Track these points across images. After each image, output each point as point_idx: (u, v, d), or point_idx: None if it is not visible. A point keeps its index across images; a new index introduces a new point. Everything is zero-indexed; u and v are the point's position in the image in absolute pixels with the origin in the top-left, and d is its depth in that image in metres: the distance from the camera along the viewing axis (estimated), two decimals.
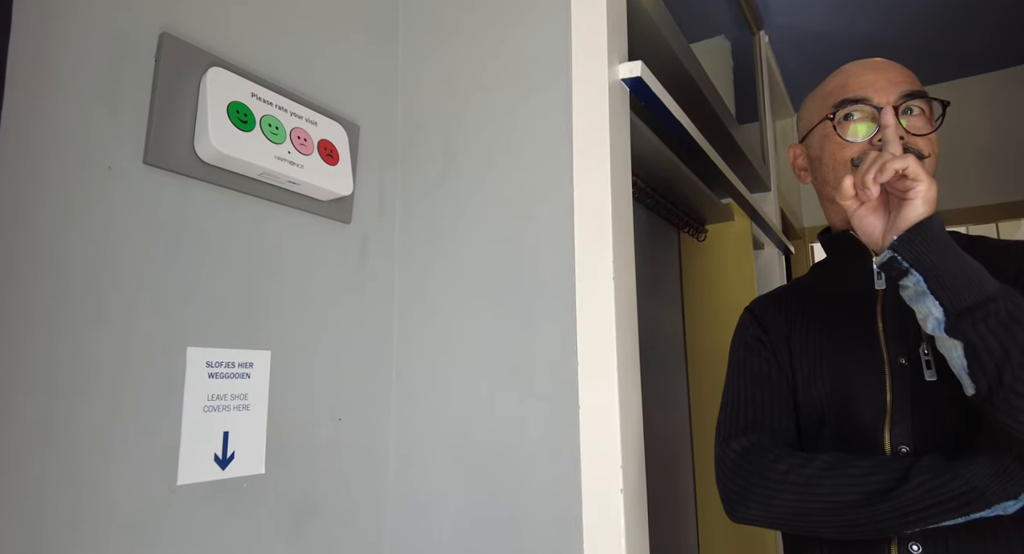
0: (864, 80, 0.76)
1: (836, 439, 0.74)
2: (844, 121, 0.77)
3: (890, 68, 0.77)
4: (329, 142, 0.81)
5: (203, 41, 0.70)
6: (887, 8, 2.41)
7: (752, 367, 0.81)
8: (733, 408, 0.79)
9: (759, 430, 0.75)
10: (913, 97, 0.74)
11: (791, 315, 0.83)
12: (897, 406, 0.70)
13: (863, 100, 0.75)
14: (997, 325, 0.55)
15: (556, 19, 0.87)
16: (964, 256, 0.60)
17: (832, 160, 0.78)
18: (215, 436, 0.68)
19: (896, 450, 0.69)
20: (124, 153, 0.62)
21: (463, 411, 0.86)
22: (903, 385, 0.71)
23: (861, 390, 0.73)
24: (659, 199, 1.49)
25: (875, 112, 0.74)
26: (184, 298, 0.66)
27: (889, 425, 0.70)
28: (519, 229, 0.86)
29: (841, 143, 0.77)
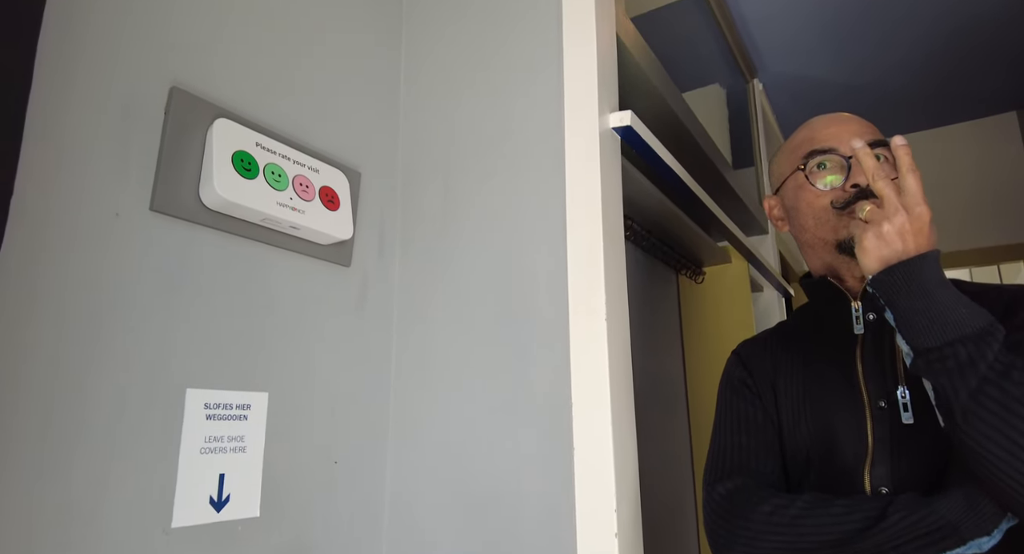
0: (829, 132, 0.81)
1: (820, 481, 0.75)
2: (816, 170, 0.80)
3: (853, 121, 0.81)
4: (330, 188, 0.84)
5: (211, 94, 0.73)
6: (877, 57, 2.49)
7: (738, 410, 0.83)
8: (720, 452, 0.81)
9: (744, 473, 0.77)
10: (877, 145, 0.78)
11: (776, 358, 0.85)
12: (877, 448, 0.72)
13: (831, 150, 0.79)
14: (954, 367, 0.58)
15: (549, 70, 0.91)
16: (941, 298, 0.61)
17: (810, 208, 0.81)
18: (211, 478, 0.68)
19: (876, 491, 0.70)
20: (131, 200, 0.64)
21: (459, 453, 0.86)
22: (883, 428, 0.72)
23: (843, 433, 0.74)
24: (655, 241, 1.51)
25: (843, 161, 0.79)
26: (185, 339, 0.68)
27: (870, 467, 0.71)
28: (515, 271, 0.88)
29: (815, 192, 0.80)
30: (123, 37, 0.65)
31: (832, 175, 0.79)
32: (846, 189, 0.78)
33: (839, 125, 0.81)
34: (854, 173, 0.77)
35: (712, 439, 0.84)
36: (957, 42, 2.38)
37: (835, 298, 0.81)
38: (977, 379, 0.57)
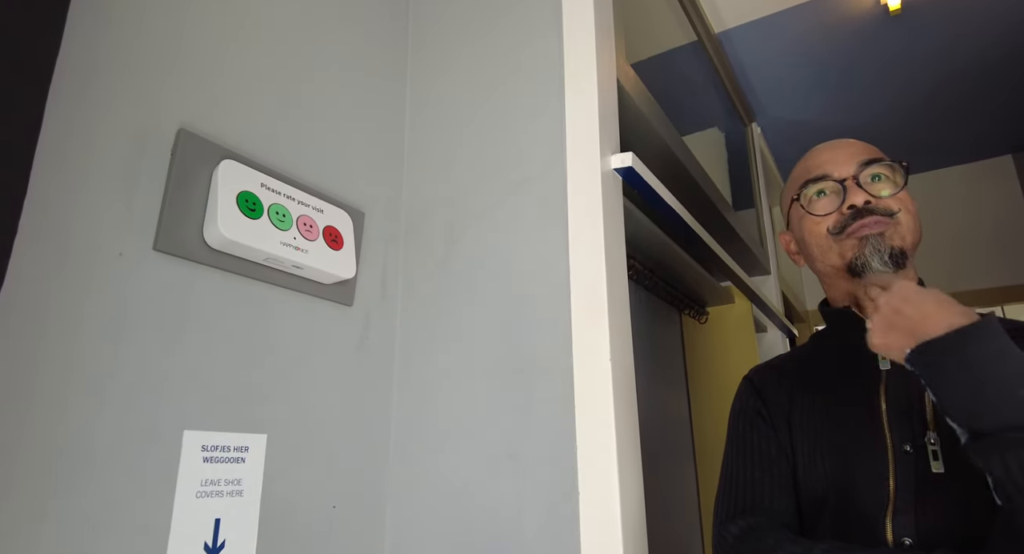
0: (822, 158, 0.80)
1: (836, 525, 0.70)
2: (814, 198, 0.80)
3: (846, 144, 0.81)
4: (334, 228, 0.84)
5: (217, 136, 0.75)
6: (871, 101, 2.54)
7: (751, 443, 0.78)
8: (731, 487, 0.77)
9: (757, 512, 0.72)
10: (871, 163, 0.77)
11: (792, 389, 0.81)
12: (900, 495, 0.67)
13: (825, 177, 0.79)
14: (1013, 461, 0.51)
15: (551, 113, 0.93)
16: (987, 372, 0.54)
17: (811, 236, 0.80)
18: (206, 523, 0.66)
19: (899, 542, 0.66)
20: (135, 240, 0.65)
21: (461, 498, 0.84)
22: (907, 474, 0.67)
23: (863, 476, 0.70)
24: (658, 281, 1.51)
25: (838, 186, 0.78)
26: (184, 380, 0.67)
27: (891, 515, 0.66)
28: (517, 312, 0.87)
29: (815, 219, 0.79)
30: (132, 79, 0.67)
31: (827, 199, 0.79)
32: (843, 212, 0.77)
33: (832, 151, 0.81)
34: (849, 195, 0.76)
35: (723, 472, 0.79)
36: (950, 86, 2.43)
37: (856, 329, 0.76)
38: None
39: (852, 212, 0.76)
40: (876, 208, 0.75)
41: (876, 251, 0.74)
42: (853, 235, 0.75)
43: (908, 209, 0.77)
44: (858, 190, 0.76)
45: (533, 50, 0.98)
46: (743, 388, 0.86)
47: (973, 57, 2.25)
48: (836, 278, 0.80)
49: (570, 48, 0.94)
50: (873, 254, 0.74)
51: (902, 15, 2.04)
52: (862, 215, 0.75)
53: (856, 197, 0.75)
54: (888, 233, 0.75)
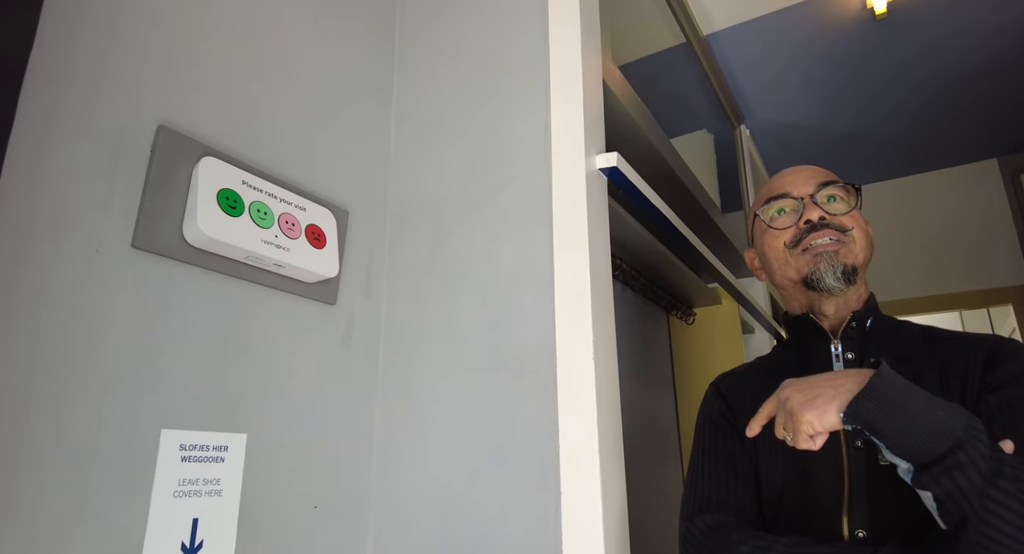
0: (784, 180, 0.86)
1: (795, 519, 0.74)
2: (775, 216, 0.86)
3: (806, 168, 0.87)
4: (317, 227, 0.84)
5: (198, 132, 0.74)
6: (858, 105, 2.55)
7: (717, 443, 0.82)
8: (698, 485, 0.80)
9: (723, 508, 0.76)
10: (827, 185, 0.83)
11: (754, 392, 0.84)
12: (854, 489, 0.71)
13: (784, 195, 0.84)
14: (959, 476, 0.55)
15: (537, 112, 0.93)
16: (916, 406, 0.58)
17: (771, 250, 0.85)
18: (184, 523, 0.66)
19: (853, 534, 0.69)
20: (113, 237, 0.64)
21: (444, 498, 0.84)
22: (859, 468, 0.71)
23: (819, 472, 0.73)
24: (646, 282, 1.51)
25: (797, 203, 0.83)
26: (162, 379, 0.66)
27: (846, 509, 0.70)
28: (502, 311, 0.87)
29: (774, 233, 0.84)
30: (110, 75, 0.66)
31: (787, 218, 0.84)
32: (800, 226, 0.82)
33: (792, 174, 0.87)
34: (806, 212, 0.81)
35: (690, 471, 0.83)
36: (935, 90, 2.45)
37: (815, 335, 0.82)
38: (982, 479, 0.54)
39: (808, 226, 0.81)
40: (830, 223, 0.80)
41: (830, 267, 0.78)
42: (809, 251, 0.80)
43: (861, 227, 0.82)
44: (814, 207, 0.81)
45: (520, 49, 0.98)
46: (710, 393, 0.91)
47: (958, 61, 2.28)
48: (794, 290, 0.85)
49: (556, 48, 0.94)
50: (827, 270, 0.78)
51: (888, 19, 2.05)
52: (817, 228, 0.80)
53: (812, 213, 0.81)
54: (842, 251, 0.79)
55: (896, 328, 0.81)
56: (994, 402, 0.67)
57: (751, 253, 0.95)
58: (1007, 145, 2.86)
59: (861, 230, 0.81)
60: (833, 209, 0.82)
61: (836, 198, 0.83)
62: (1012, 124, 2.69)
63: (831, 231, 0.79)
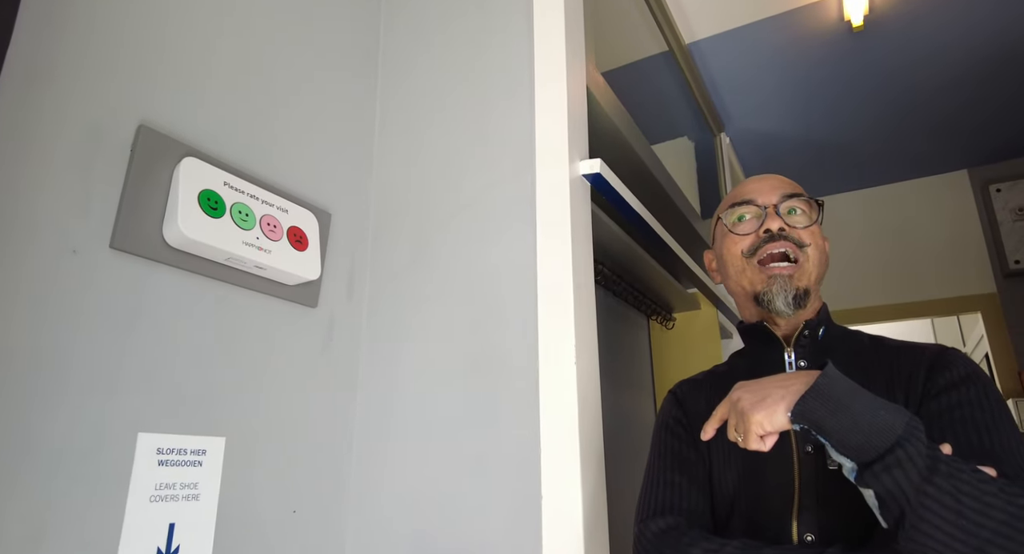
0: (749, 188, 0.87)
1: (747, 524, 0.75)
2: (736, 222, 0.86)
3: (773, 177, 0.88)
4: (299, 229, 0.83)
5: (180, 133, 0.73)
6: (836, 115, 2.60)
7: (672, 449, 0.84)
8: (653, 489, 0.81)
9: (676, 512, 0.77)
10: (792, 197, 0.84)
11: (709, 398, 0.86)
12: (804, 493, 0.72)
13: (749, 202, 0.85)
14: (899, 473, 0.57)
15: (522, 117, 0.93)
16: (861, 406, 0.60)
17: (729, 255, 0.86)
18: (160, 528, 0.65)
19: (802, 538, 0.71)
20: (90, 237, 0.63)
21: (423, 503, 0.84)
22: (809, 473, 0.73)
23: (770, 477, 0.75)
24: (627, 287, 1.52)
25: (760, 211, 0.84)
26: (140, 381, 0.65)
27: (796, 513, 0.72)
28: (485, 315, 0.87)
29: (734, 238, 0.85)
30: (90, 72, 0.65)
31: (748, 222, 0.85)
32: (759, 234, 0.82)
33: (758, 182, 0.87)
34: (767, 221, 0.82)
35: (645, 476, 0.85)
36: (909, 101, 2.50)
37: (769, 342, 0.84)
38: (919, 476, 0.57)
39: (767, 236, 0.81)
40: (789, 235, 0.81)
41: (782, 291, 0.80)
42: (765, 270, 0.81)
43: (817, 244, 0.83)
44: (775, 217, 0.82)
45: (505, 55, 0.98)
46: (667, 400, 0.92)
47: (932, 74, 2.33)
48: (744, 300, 0.86)
49: (540, 54, 0.94)
50: (779, 293, 0.80)
51: (864, 31, 2.10)
52: (775, 239, 0.81)
53: (772, 223, 0.81)
54: (796, 274, 0.80)
55: (847, 337, 0.84)
56: (934, 407, 0.70)
57: (710, 254, 0.96)
58: (978, 157, 2.93)
59: (817, 247, 0.83)
60: (794, 221, 0.83)
61: (798, 211, 0.84)
62: (983, 136, 2.76)
63: (788, 243, 0.80)
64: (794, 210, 0.84)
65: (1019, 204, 2.81)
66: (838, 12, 2.02)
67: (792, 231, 0.82)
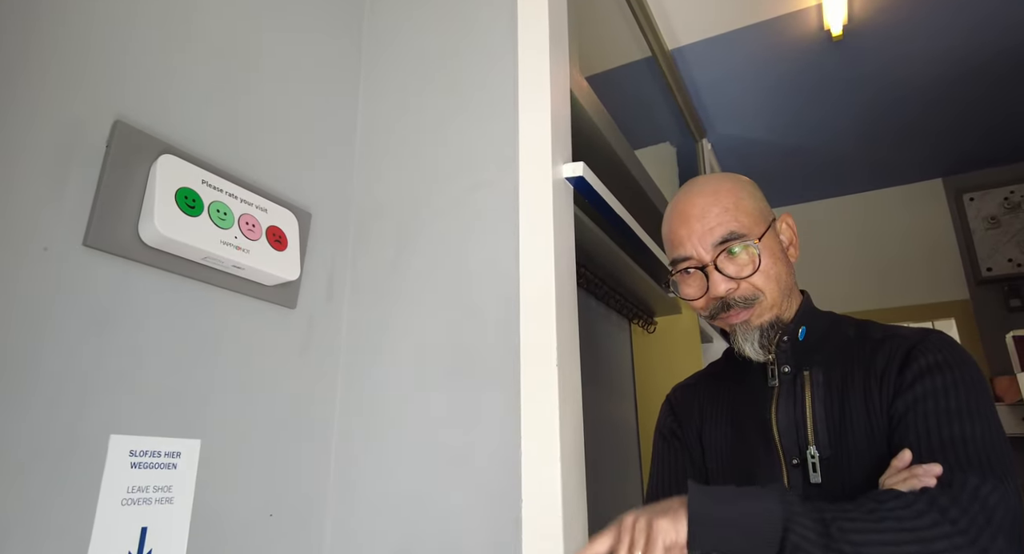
0: (680, 235, 0.81)
1: None
2: (683, 276, 0.82)
3: (701, 216, 0.79)
4: (278, 228, 0.82)
5: (157, 129, 0.72)
6: (814, 123, 2.64)
7: (668, 462, 0.85)
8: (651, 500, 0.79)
9: None
10: (726, 242, 0.78)
11: (702, 404, 0.87)
12: None
13: (688, 258, 0.80)
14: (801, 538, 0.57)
15: (505, 119, 0.93)
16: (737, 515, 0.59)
17: (690, 306, 0.85)
18: (131, 532, 0.63)
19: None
20: (63, 235, 0.62)
21: (403, 506, 0.83)
22: (795, 485, 0.74)
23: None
24: (608, 290, 1.53)
25: (700, 271, 0.79)
26: (113, 382, 0.64)
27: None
28: (466, 317, 0.87)
29: (688, 299, 0.83)
30: (65, 66, 0.64)
31: (694, 282, 0.81)
32: (710, 299, 0.79)
33: (687, 225, 0.80)
34: (712, 285, 0.78)
35: (648, 487, 0.86)
36: (886, 111, 2.55)
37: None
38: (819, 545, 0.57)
39: (719, 304, 0.79)
40: (736, 301, 0.78)
41: (747, 340, 0.79)
42: (724, 319, 0.80)
43: (768, 275, 0.78)
44: (717, 277, 0.77)
45: (489, 57, 0.98)
46: (664, 408, 0.92)
47: (908, 84, 2.37)
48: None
49: (525, 56, 0.94)
50: (744, 341, 0.79)
51: (843, 41, 2.13)
52: (726, 308, 0.79)
53: (717, 288, 0.77)
54: (753, 317, 0.78)
55: (829, 332, 0.82)
56: (900, 405, 0.69)
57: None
58: (952, 166, 2.99)
59: (769, 278, 0.78)
60: (737, 267, 0.78)
61: (736, 250, 0.78)
62: (957, 146, 2.82)
63: (740, 306, 0.78)
64: (733, 251, 0.78)
65: (991, 213, 2.87)
66: (818, 21, 2.05)
67: (738, 290, 0.77)
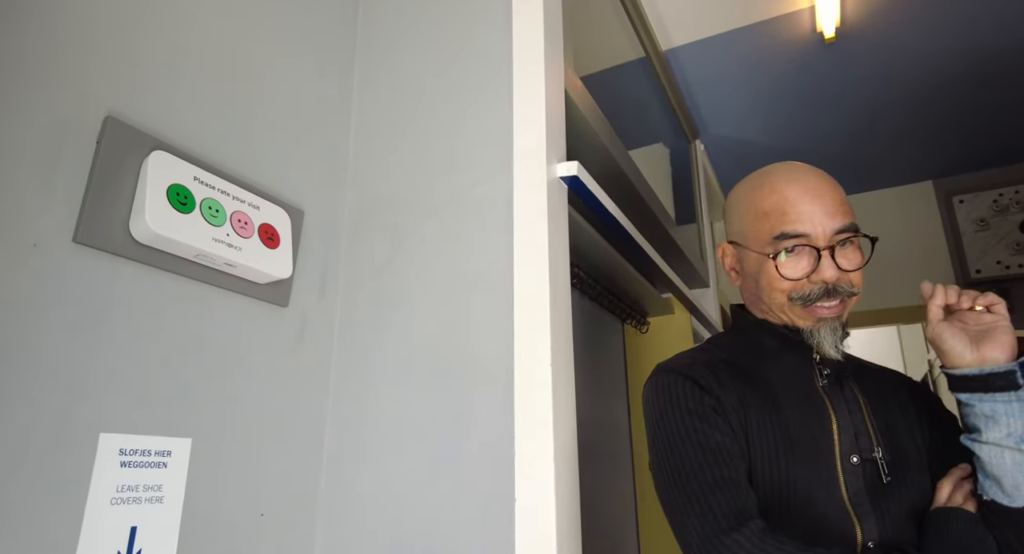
0: (801, 211, 0.77)
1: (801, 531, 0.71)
2: (785, 256, 0.78)
3: (825, 195, 0.78)
4: (271, 226, 0.81)
5: (148, 125, 0.71)
6: (807, 124, 2.65)
7: (714, 441, 0.74)
8: (713, 491, 0.71)
9: (751, 513, 0.69)
10: (846, 232, 0.77)
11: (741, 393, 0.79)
12: (856, 503, 0.72)
13: (803, 235, 0.76)
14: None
15: (500, 118, 0.93)
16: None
17: (770, 288, 0.80)
18: (120, 532, 0.63)
19: (865, 546, 0.71)
20: (53, 231, 0.61)
21: (395, 506, 0.82)
22: (857, 483, 0.73)
23: (819, 486, 0.73)
24: (602, 290, 1.53)
25: (814, 252, 0.76)
26: (103, 380, 0.63)
27: (857, 522, 0.72)
28: (460, 316, 0.87)
29: (780, 277, 0.78)
30: (55, 61, 0.63)
31: (801, 263, 0.77)
32: (811, 280, 0.76)
33: (811, 203, 0.77)
34: (822, 267, 0.75)
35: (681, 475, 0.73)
36: (877, 113, 2.56)
37: (792, 344, 0.81)
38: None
39: (823, 288, 0.76)
40: (841, 288, 0.76)
41: (831, 333, 0.77)
42: (811, 310, 0.77)
43: (860, 285, 0.79)
44: (831, 264, 0.75)
45: (483, 56, 0.98)
46: (683, 386, 0.79)
47: (899, 87, 2.39)
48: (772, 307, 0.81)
49: (519, 54, 0.94)
50: (826, 337, 0.77)
51: (836, 43, 2.14)
52: (830, 294, 0.76)
53: (828, 272, 0.75)
54: (844, 311, 0.79)
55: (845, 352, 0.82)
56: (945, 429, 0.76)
57: (728, 249, 0.88)
58: (942, 168, 3.01)
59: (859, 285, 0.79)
60: (847, 260, 0.77)
61: (850, 243, 0.78)
62: (947, 149, 2.84)
63: (841, 296, 0.76)
64: (846, 242, 0.77)
65: (981, 215, 2.89)
66: (811, 24, 2.06)
67: (845, 278, 0.76)
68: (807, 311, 0.78)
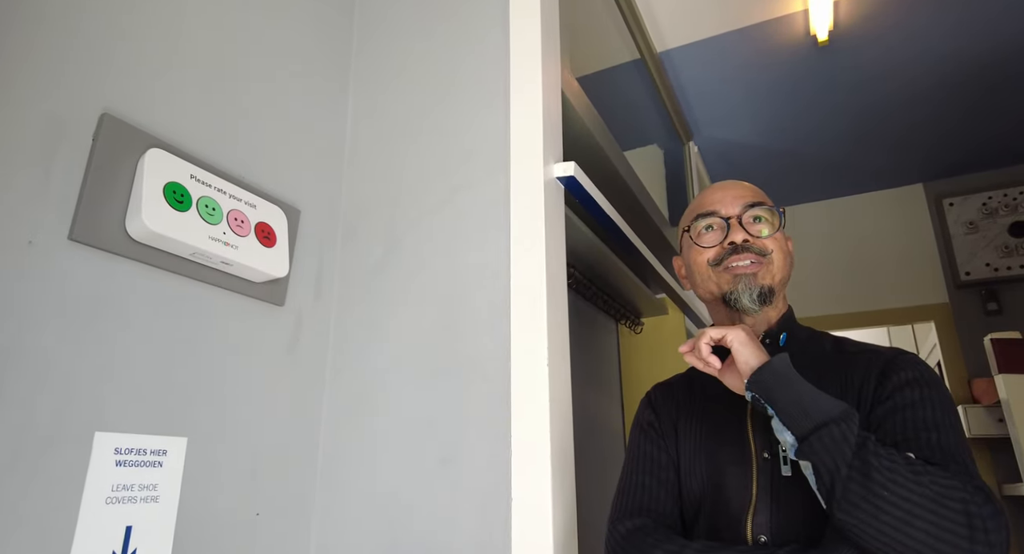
0: (714, 197, 0.89)
1: (709, 525, 0.79)
2: (702, 232, 0.89)
3: (736, 186, 0.90)
4: (267, 225, 0.81)
5: (145, 123, 0.71)
6: (799, 127, 2.67)
7: (644, 452, 0.87)
8: (625, 491, 0.84)
9: (644, 513, 0.80)
10: (753, 206, 0.87)
11: (679, 401, 0.90)
12: (760, 497, 0.76)
13: (713, 213, 0.88)
14: (831, 444, 0.64)
15: (497, 118, 0.93)
16: (805, 388, 0.68)
17: (695, 265, 0.89)
18: (116, 531, 0.62)
19: (756, 539, 0.74)
20: (48, 228, 0.60)
21: (391, 505, 0.82)
22: (765, 478, 0.77)
23: (731, 481, 0.78)
24: (597, 290, 1.53)
25: (723, 223, 0.87)
26: (98, 379, 0.63)
27: (751, 515, 0.75)
28: (456, 315, 0.87)
29: (699, 249, 0.88)
30: (52, 59, 0.63)
31: (713, 233, 0.88)
32: (724, 246, 0.86)
33: (722, 191, 0.90)
34: (731, 233, 0.85)
35: (620, 478, 0.87)
36: (869, 116, 2.58)
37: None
38: (850, 451, 0.63)
39: (731, 248, 0.85)
40: (752, 246, 0.85)
41: (747, 288, 0.83)
42: (729, 270, 0.85)
43: (781, 249, 0.86)
44: (739, 229, 0.85)
45: (480, 56, 0.98)
46: (642, 403, 0.94)
47: (891, 90, 2.41)
48: (714, 304, 0.89)
49: (516, 55, 0.95)
50: (744, 291, 0.84)
51: (829, 46, 2.16)
52: (738, 251, 0.84)
53: (736, 235, 0.85)
54: (760, 273, 0.84)
55: (807, 342, 0.86)
56: (881, 411, 0.74)
57: (679, 261, 0.99)
58: (932, 171, 3.04)
59: (781, 251, 0.86)
60: (757, 230, 0.86)
61: (761, 219, 0.87)
62: (938, 152, 2.86)
63: (751, 254, 0.84)
64: (758, 218, 0.87)
65: (970, 218, 2.92)
66: (804, 27, 2.07)
67: (755, 242, 0.85)
68: (726, 273, 0.85)
